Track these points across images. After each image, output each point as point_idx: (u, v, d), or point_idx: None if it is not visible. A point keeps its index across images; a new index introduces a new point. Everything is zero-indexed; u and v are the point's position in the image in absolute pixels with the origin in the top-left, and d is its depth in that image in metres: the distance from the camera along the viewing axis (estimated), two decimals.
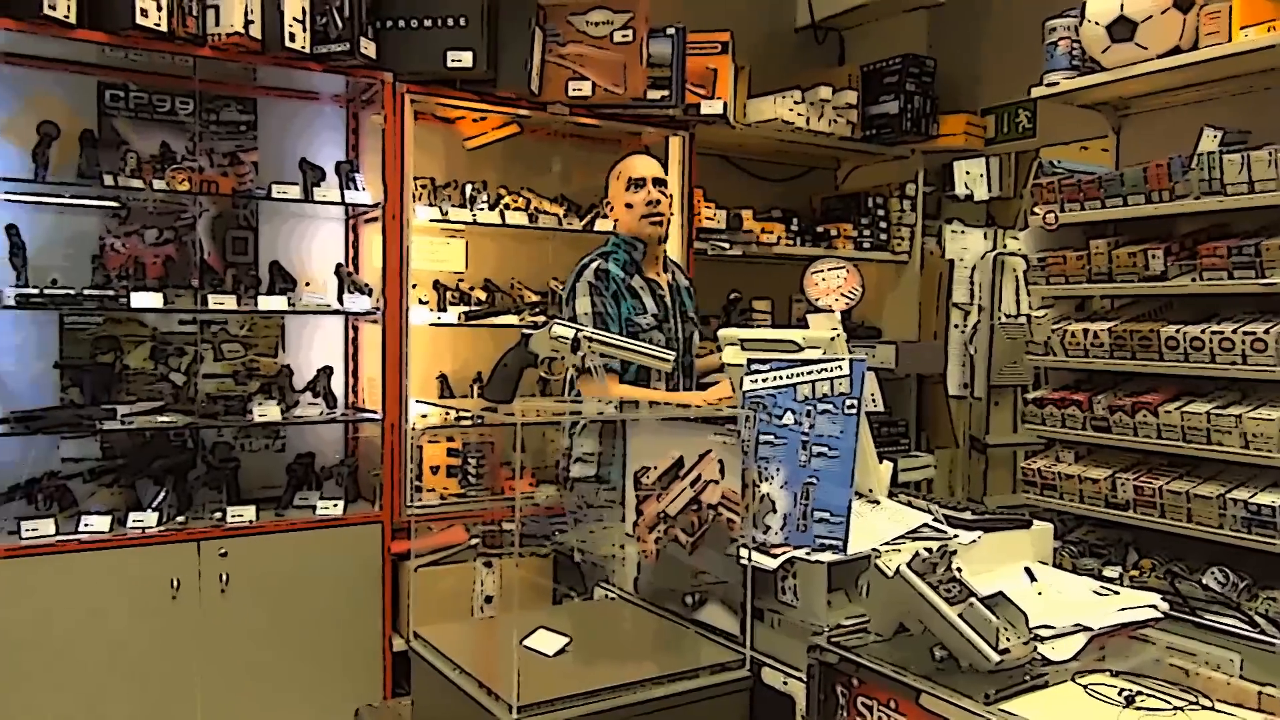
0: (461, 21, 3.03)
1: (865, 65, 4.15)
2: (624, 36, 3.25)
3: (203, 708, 2.81)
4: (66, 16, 2.54)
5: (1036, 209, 2.99)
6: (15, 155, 2.85)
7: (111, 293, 2.80)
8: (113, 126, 3.05)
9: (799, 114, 3.86)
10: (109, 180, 2.80)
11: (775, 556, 1.65)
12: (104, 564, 2.70)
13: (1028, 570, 1.76)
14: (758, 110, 3.82)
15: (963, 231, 4.73)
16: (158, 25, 2.62)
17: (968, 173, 4.68)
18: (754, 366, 1.80)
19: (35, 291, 2.70)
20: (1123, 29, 2.67)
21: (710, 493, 1.75)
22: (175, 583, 2.75)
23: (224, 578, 2.81)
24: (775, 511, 1.73)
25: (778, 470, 1.74)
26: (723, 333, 2.03)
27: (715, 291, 4.07)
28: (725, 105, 3.54)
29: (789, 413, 1.74)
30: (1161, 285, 2.67)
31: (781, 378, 1.76)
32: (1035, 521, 1.89)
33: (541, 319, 3.42)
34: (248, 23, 2.75)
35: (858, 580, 1.64)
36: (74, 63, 2.93)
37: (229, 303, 2.92)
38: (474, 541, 3.15)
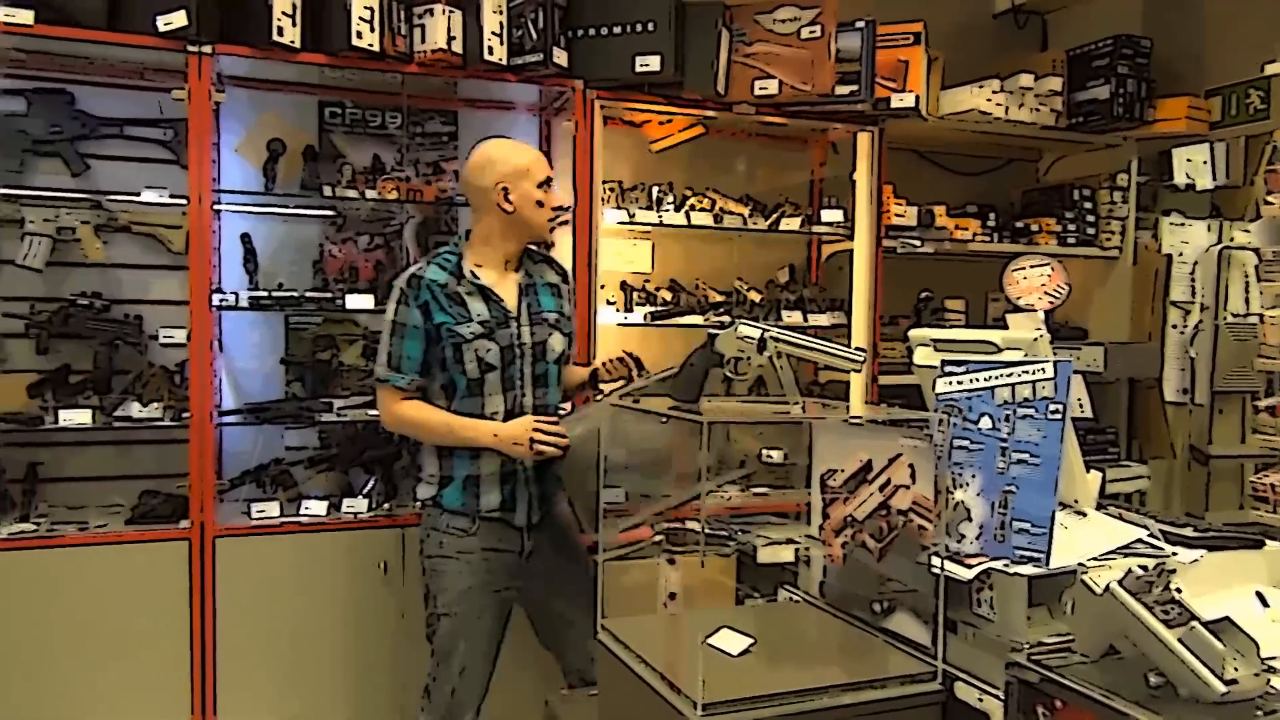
0: (650, 26, 3.08)
1: (1071, 49, 3.91)
2: (811, 32, 3.20)
3: (416, 679, 2.98)
4: (293, 42, 2.77)
5: (1270, 198, 2.72)
6: (249, 171, 3.13)
7: (329, 295, 3.03)
8: (331, 141, 3.30)
9: (997, 104, 3.68)
10: (328, 191, 3.04)
11: (970, 567, 1.58)
12: (322, 545, 2.92)
13: (1259, 595, 1.61)
14: (952, 102, 3.67)
15: (1183, 224, 4.35)
16: (371, 46, 2.82)
17: (1189, 160, 4.30)
18: (948, 368, 1.73)
19: (265, 294, 2.95)
20: None
21: (900, 498, 1.70)
22: (384, 565, 2.94)
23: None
24: (970, 520, 1.66)
25: (973, 477, 1.66)
26: (913, 333, 1.97)
27: (905, 291, 3.95)
28: (917, 98, 3.42)
29: (986, 417, 1.67)
30: None
31: (979, 380, 1.68)
32: (1269, 541, 1.72)
33: (726, 319, 3.43)
34: (450, 39, 2.90)
35: (1061, 596, 1.55)
36: (297, 84, 3.19)
37: None
38: (658, 539, 3.19)
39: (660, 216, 3.39)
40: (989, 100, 3.66)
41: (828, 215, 3.59)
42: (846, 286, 3.61)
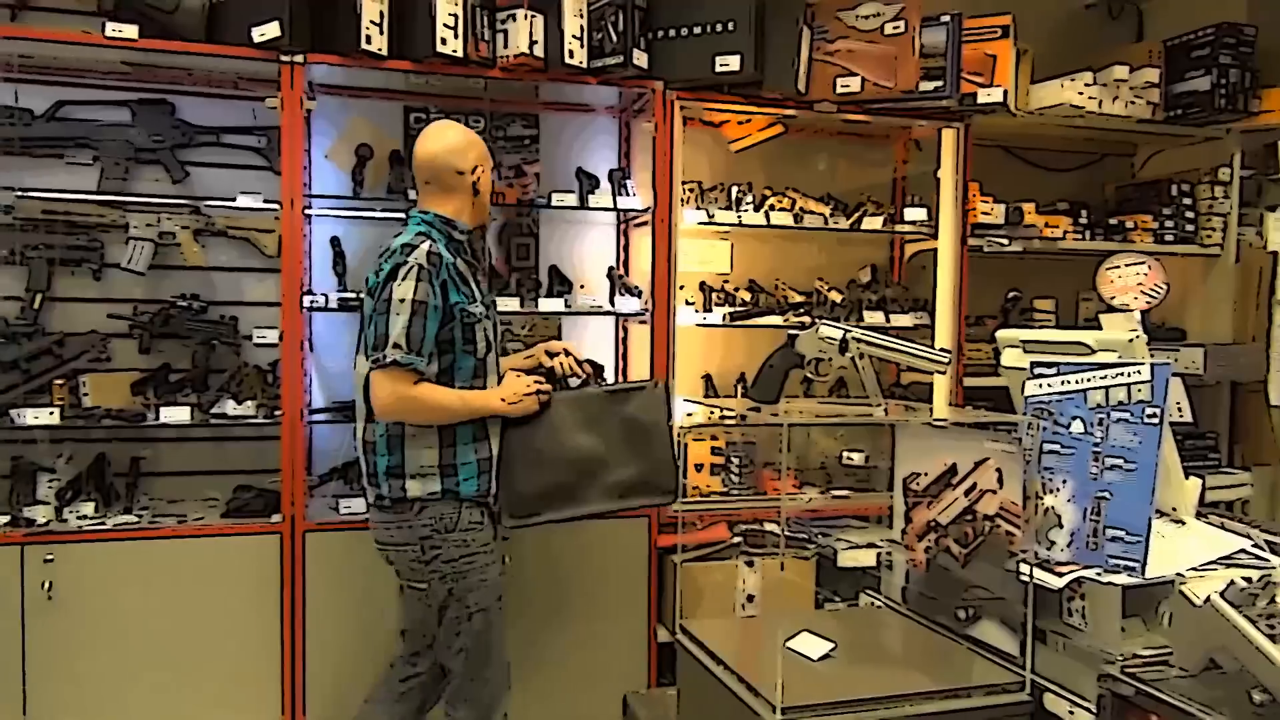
0: (730, 26, 3.07)
1: (1169, 39, 3.76)
2: (895, 28, 3.15)
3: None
4: (380, 49, 2.84)
5: None
6: (338, 176, 3.22)
7: None
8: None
9: (1090, 97, 3.56)
10: (413, 195, 3.10)
11: (1061, 575, 1.53)
12: None
13: None
14: (1043, 96, 3.57)
15: None
16: (455, 52, 2.87)
17: None
18: (1038, 370, 1.68)
19: (353, 296, 3.03)
20: None
21: (986, 503, 1.66)
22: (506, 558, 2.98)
23: (506, 560, 3.02)
24: (1061, 526, 1.61)
25: (1064, 482, 1.62)
26: (1001, 334, 1.92)
27: (992, 290, 3.85)
28: (1006, 93, 3.33)
29: (1078, 420, 1.61)
30: None
31: (1070, 382, 1.63)
32: None
33: (807, 319, 3.40)
34: (532, 43, 2.94)
35: (1158, 607, 1.49)
36: (383, 90, 3.27)
37: (513, 305, 3.14)
38: (736, 540, 3.17)
39: (739, 216, 3.38)
40: (1081, 94, 3.55)
41: (911, 214, 3.53)
42: (930, 286, 3.54)
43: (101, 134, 3.03)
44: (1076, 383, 1.62)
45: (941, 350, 2.11)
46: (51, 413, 2.74)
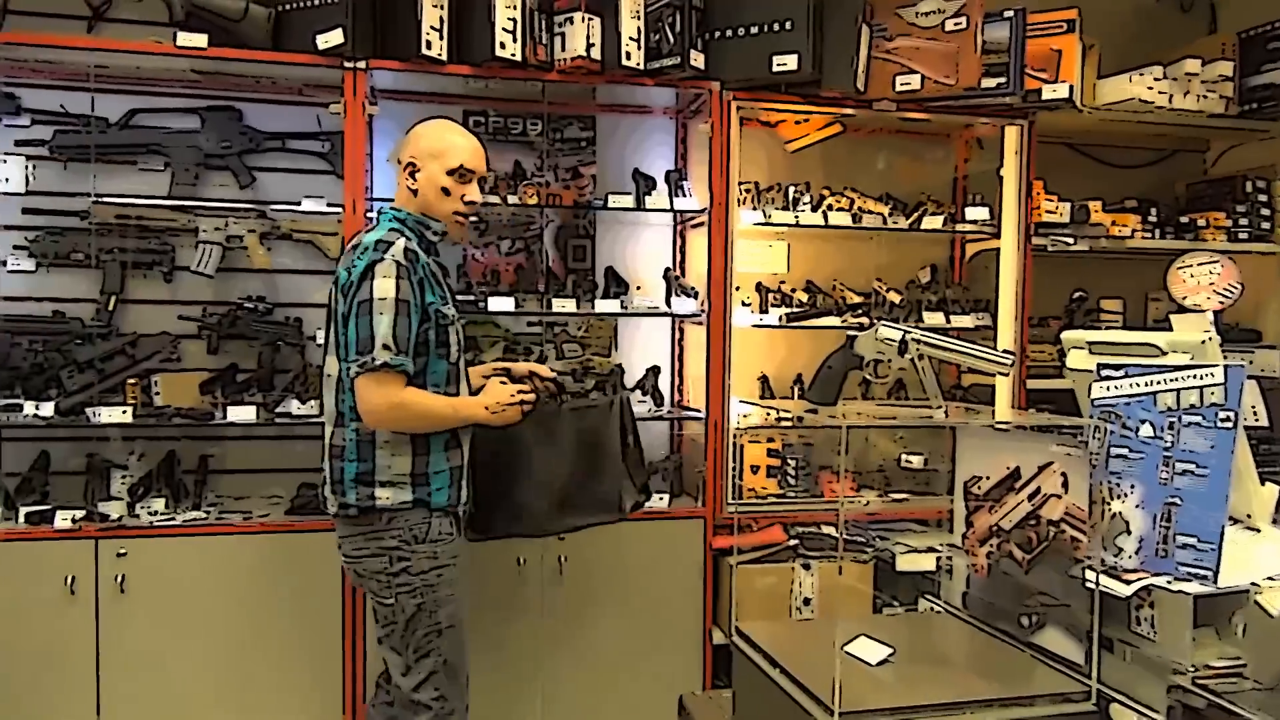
0: (787, 25, 3.05)
1: (1243, 31, 3.65)
2: (956, 24, 3.10)
3: (554, 671, 3.05)
4: (440, 54, 2.88)
5: None
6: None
7: (472, 298, 3.13)
8: None
9: (1160, 92, 3.47)
10: None
11: (1129, 582, 1.49)
12: None
13: None
14: (1110, 91, 3.48)
15: None
16: (513, 55, 2.90)
17: None
18: (1105, 372, 1.64)
19: None
20: None
21: (1051, 507, 1.63)
22: (521, 560, 3.01)
23: (563, 559, 3.04)
24: (1129, 533, 1.57)
25: (1132, 487, 1.57)
26: (1067, 335, 1.88)
27: (1056, 291, 3.78)
28: (1071, 88, 3.26)
29: (1147, 424, 1.57)
30: None
31: (1140, 385, 1.59)
32: None
33: (865, 320, 3.36)
34: (589, 46, 2.95)
35: (1231, 617, 1.45)
36: (443, 94, 3.31)
37: (570, 306, 3.16)
38: (793, 542, 3.15)
39: (797, 217, 3.35)
40: (1151, 88, 3.46)
41: (972, 213, 3.47)
42: (992, 287, 3.48)
43: (172, 141, 3.12)
44: (1146, 385, 1.58)
45: (1004, 352, 2.07)
46: (125, 411, 2.84)
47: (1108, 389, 1.63)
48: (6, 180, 2.83)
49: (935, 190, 3.68)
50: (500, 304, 3.10)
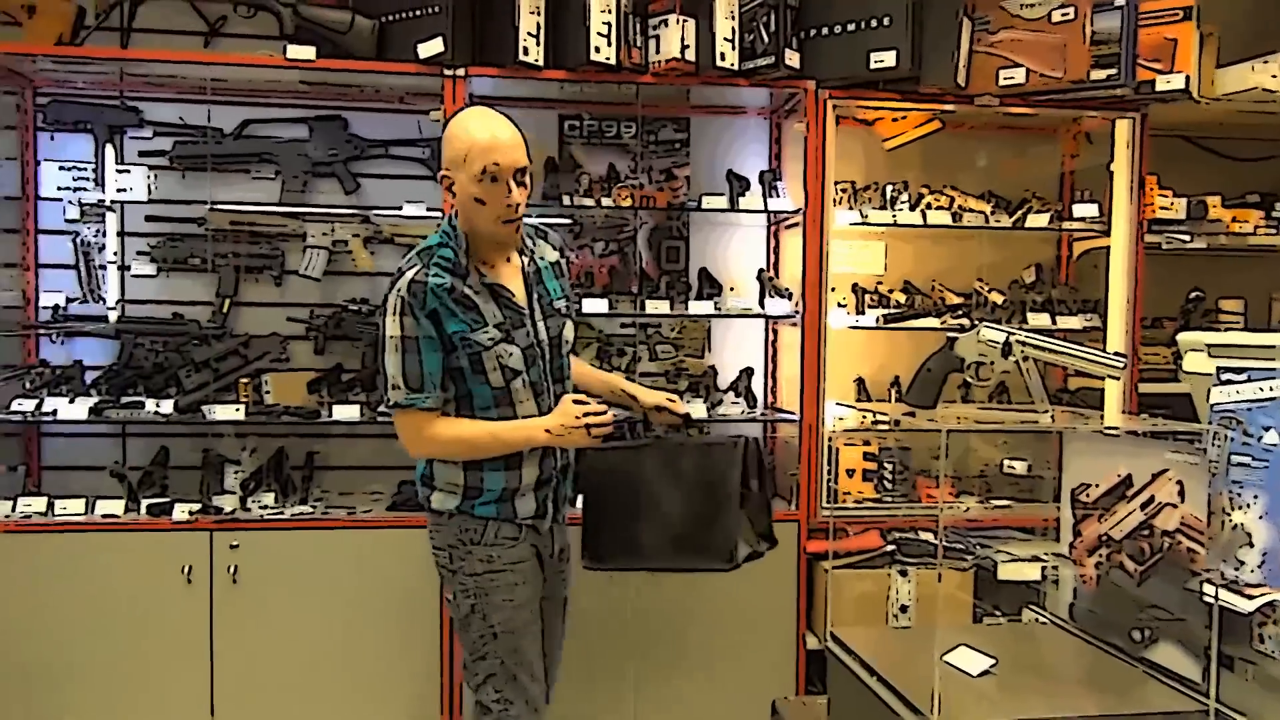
0: (885, 21, 3.00)
1: None
2: (1064, 15, 3.00)
3: (640, 681, 3.06)
4: (537, 60, 2.92)
5: None
6: None
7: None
8: (569, 153, 3.45)
9: None
10: (566, 201, 3.18)
11: (1251, 598, 1.42)
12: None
13: None
14: (1230, 81, 3.31)
15: None
16: (608, 59, 2.92)
17: None
18: (1226, 376, 1.56)
19: None
20: None
21: (1165, 517, 1.56)
22: None
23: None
24: (1251, 545, 1.49)
25: (1255, 498, 1.49)
26: (1184, 337, 1.79)
27: (1170, 291, 3.62)
28: (1187, 79, 3.11)
29: (1271, 431, 1.49)
30: None
31: (1263, 390, 1.51)
32: None
33: (966, 322, 3.28)
34: (684, 48, 2.95)
35: None
36: (539, 99, 3.36)
37: (663, 307, 3.16)
38: (889, 548, 3.09)
39: (894, 216, 3.29)
40: (1275, 77, 3.27)
41: (1080, 210, 3.35)
42: (1101, 286, 3.35)
43: (282, 149, 3.25)
44: (1270, 390, 1.50)
45: (1116, 354, 1.99)
46: (238, 409, 2.96)
47: (1228, 394, 1.55)
48: (130, 189, 2.99)
49: (1040, 187, 3.57)
50: (595, 306, 3.12)
